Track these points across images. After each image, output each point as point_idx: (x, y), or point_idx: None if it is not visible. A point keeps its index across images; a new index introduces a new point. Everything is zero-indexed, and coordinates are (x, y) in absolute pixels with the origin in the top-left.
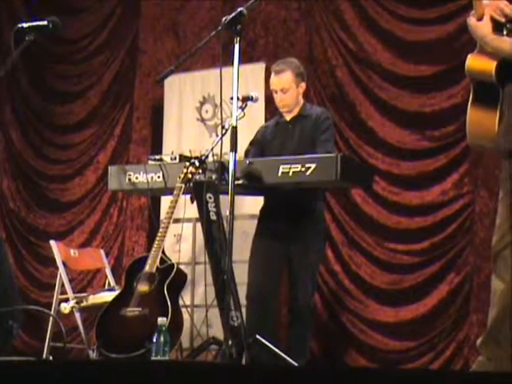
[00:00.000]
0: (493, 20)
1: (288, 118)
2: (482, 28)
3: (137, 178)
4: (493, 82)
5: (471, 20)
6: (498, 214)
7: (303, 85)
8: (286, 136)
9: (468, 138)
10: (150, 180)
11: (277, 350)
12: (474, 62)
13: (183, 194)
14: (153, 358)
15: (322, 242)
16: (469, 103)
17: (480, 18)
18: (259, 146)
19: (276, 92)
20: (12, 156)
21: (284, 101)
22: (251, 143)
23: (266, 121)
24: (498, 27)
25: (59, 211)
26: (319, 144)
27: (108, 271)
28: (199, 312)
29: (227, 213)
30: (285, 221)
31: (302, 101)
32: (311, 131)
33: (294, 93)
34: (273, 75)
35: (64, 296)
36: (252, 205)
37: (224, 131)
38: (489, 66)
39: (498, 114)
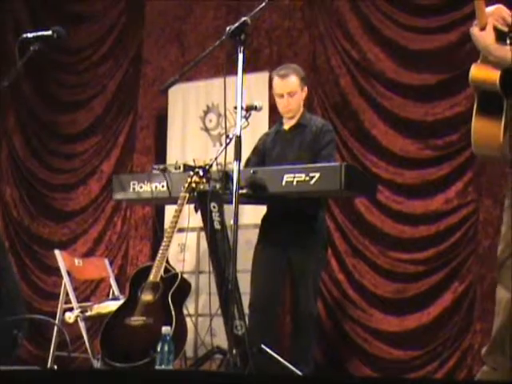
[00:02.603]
0: (496, 29)
1: (287, 126)
2: (485, 38)
3: (141, 187)
4: (497, 92)
5: (474, 30)
6: (504, 222)
7: (306, 89)
8: (286, 145)
9: (473, 148)
10: (154, 189)
11: (281, 359)
12: (478, 72)
13: (187, 203)
14: (157, 367)
15: (324, 250)
16: (473, 113)
17: (483, 28)
18: (260, 153)
19: (282, 96)
20: (16, 165)
21: (290, 105)
22: (253, 151)
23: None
24: (501, 37)
25: (63, 220)
26: (321, 159)
27: (112, 280)
28: (203, 321)
29: (231, 222)
30: (287, 229)
31: (302, 108)
32: (311, 143)
33: (299, 97)
34: (278, 79)
35: (68, 305)
36: (255, 214)
37: (228, 140)
38: (493, 75)
39: (502, 123)
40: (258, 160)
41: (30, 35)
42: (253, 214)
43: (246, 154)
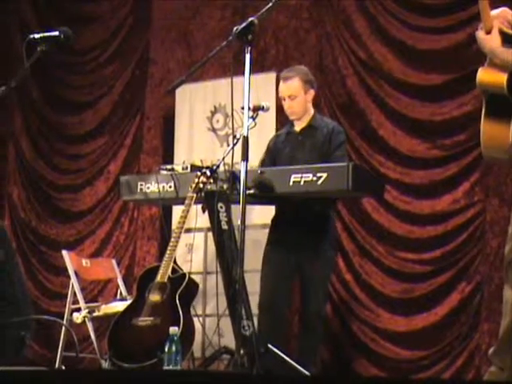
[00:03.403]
0: (502, 33)
1: (298, 128)
2: (490, 41)
3: (148, 187)
4: (505, 95)
5: (480, 33)
6: (511, 222)
7: (312, 92)
8: (296, 147)
9: (482, 151)
10: (161, 190)
11: (288, 360)
12: (485, 76)
13: (195, 203)
14: (165, 368)
15: (333, 251)
16: (482, 116)
17: (488, 31)
18: (271, 154)
19: (284, 99)
20: (23, 166)
21: (292, 108)
22: (266, 152)
23: (276, 130)
24: (507, 40)
25: (70, 221)
26: (334, 160)
27: (120, 281)
28: (211, 321)
29: (238, 222)
30: (296, 230)
31: (311, 110)
32: (322, 144)
33: (301, 100)
34: (281, 82)
35: (76, 306)
36: (263, 214)
37: (235, 141)
38: (500, 78)
39: (511, 125)
40: (270, 161)
41: (36, 36)
42: (260, 214)
43: (252, 154)
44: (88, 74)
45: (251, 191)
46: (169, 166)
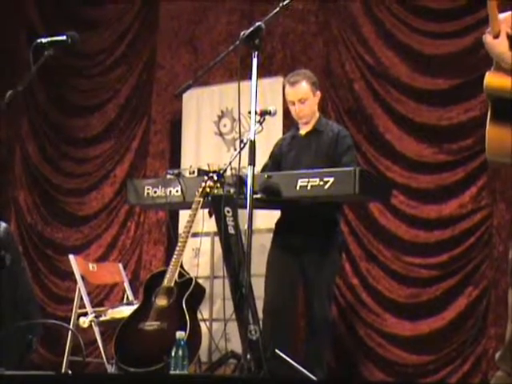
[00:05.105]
0: (509, 37)
1: (303, 132)
2: (498, 45)
3: (155, 192)
4: (511, 99)
5: (487, 38)
6: None
7: (318, 93)
8: (302, 150)
9: (487, 155)
10: (168, 194)
11: (295, 364)
12: (493, 80)
13: (201, 207)
14: (171, 372)
15: (338, 255)
16: (487, 121)
17: (496, 36)
18: (276, 158)
19: (294, 104)
20: (29, 169)
21: (303, 111)
22: (270, 156)
23: (283, 135)
24: None
25: (76, 225)
26: (344, 166)
27: (126, 285)
28: (217, 326)
29: (245, 226)
30: (301, 234)
31: (317, 113)
32: (328, 148)
33: (311, 102)
34: (288, 87)
35: (82, 310)
36: (268, 219)
37: (242, 145)
38: (507, 83)
39: None
40: (274, 165)
41: (44, 40)
42: (266, 219)
43: (259, 158)
44: (94, 78)
45: (258, 195)
46: (176, 171)
